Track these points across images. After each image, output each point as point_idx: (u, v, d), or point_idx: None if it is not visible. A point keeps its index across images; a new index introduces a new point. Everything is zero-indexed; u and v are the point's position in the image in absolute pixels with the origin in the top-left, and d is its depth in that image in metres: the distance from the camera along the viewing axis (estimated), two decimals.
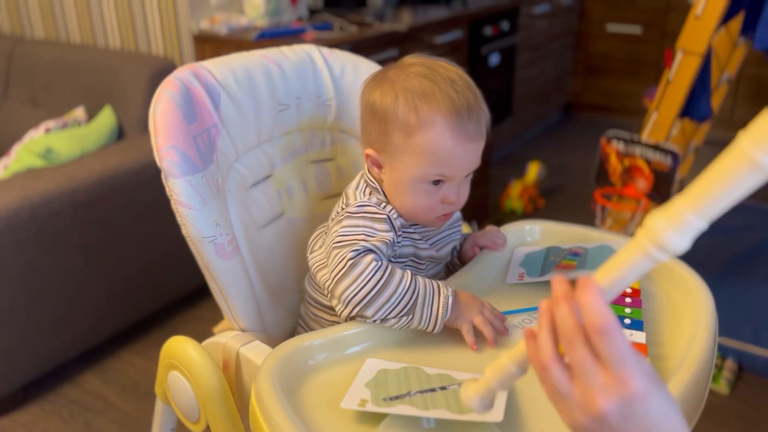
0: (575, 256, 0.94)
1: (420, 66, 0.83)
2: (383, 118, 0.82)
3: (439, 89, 0.80)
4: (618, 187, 2.05)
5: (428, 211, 0.85)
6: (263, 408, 0.66)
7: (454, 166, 0.81)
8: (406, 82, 0.81)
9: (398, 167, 0.83)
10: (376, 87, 0.84)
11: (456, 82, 0.81)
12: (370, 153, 0.85)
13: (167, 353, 0.89)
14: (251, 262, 0.95)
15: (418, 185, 0.82)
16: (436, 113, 0.79)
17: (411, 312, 0.77)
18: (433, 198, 0.83)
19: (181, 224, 0.86)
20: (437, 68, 0.82)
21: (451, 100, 0.79)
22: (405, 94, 0.80)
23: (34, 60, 2.31)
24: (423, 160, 0.81)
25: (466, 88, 0.81)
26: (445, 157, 0.80)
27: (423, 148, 0.80)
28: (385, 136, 0.82)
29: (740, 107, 3.74)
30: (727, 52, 2.24)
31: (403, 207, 0.85)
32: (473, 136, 0.81)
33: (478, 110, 0.81)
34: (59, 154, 1.84)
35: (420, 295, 0.78)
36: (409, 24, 2.36)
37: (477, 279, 0.92)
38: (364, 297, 0.77)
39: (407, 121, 0.80)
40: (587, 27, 4.07)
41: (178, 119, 0.86)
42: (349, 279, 0.77)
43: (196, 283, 2.08)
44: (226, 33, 2.12)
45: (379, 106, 0.82)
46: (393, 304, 0.77)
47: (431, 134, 0.79)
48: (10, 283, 1.57)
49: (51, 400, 1.73)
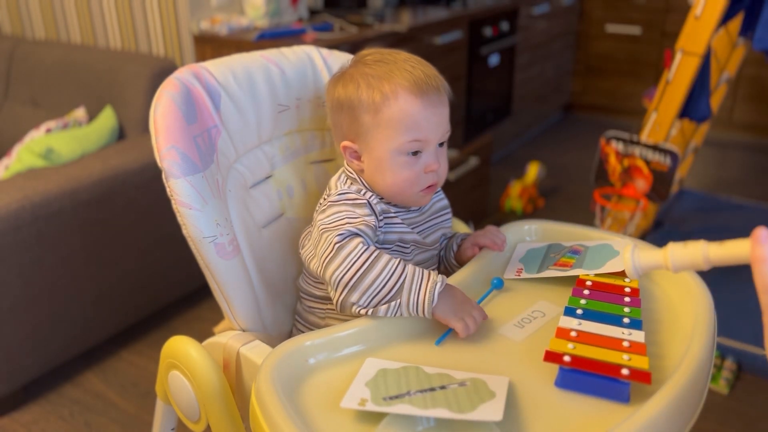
0: (575, 253, 0.95)
1: (371, 54, 0.90)
2: (350, 107, 0.88)
3: (395, 67, 0.87)
4: (617, 188, 2.05)
5: (413, 184, 0.89)
6: (263, 407, 0.66)
7: (425, 129, 0.86)
8: (363, 69, 0.88)
9: (375, 146, 0.88)
10: (337, 83, 0.91)
11: (409, 59, 0.88)
12: (347, 144, 0.91)
13: (168, 353, 0.90)
14: (251, 262, 0.96)
15: (397, 158, 0.87)
16: (397, 86, 0.85)
17: (398, 295, 0.79)
18: (415, 168, 0.88)
19: (181, 224, 0.86)
20: (390, 53, 0.90)
21: (408, 73, 0.86)
22: (365, 79, 0.87)
23: (35, 60, 2.32)
24: (395, 131, 0.86)
25: (419, 63, 0.89)
26: (414, 121, 0.86)
27: (392, 120, 0.86)
28: (355, 122, 0.88)
29: (739, 107, 3.75)
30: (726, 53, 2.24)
31: (387, 186, 0.89)
32: (435, 102, 0.87)
33: (435, 78, 0.88)
34: (60, 155, 1.84)
35: (408, 278, 0.79)
36: (409, 24, 2.37)
37: (476, 274, 0.92)
38: (351, 277, 0.79)
39: (373, 101, 0.86)
40: (587, 27, 4.08)
41: (179, 120, 0.87)
42: (337, 261, 0.80)
43: (196, 283, 2.09)
44: (226, 33, 2.12)
45: (343, 98, 0.89)
46: (380, 285, 0.78)
47: (397, 104, 0.85)
48: (11, 283, 1.57)
49: (51, 400, 1.73)
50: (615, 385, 0.68)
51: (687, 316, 0.81)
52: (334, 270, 0.80)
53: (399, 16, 2.58)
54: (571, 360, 0.70)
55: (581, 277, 0.88)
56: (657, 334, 0.80)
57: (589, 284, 0.86)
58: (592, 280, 0.87)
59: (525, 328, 0.83)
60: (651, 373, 0.67)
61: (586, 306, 0.81)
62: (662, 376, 0.71)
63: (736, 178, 3.27)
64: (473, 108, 2.98)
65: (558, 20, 3.77)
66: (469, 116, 2.96)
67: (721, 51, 2.21)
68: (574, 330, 0.76)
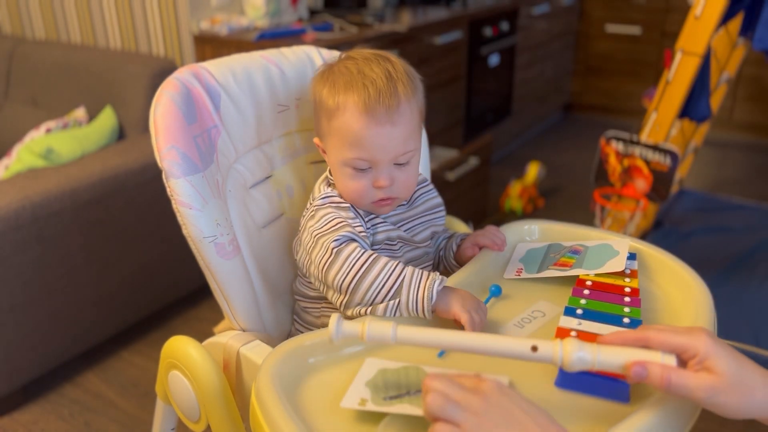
0: (575, 253, 0.95)
1: (349, 60, 0.88)
2: (317, 106, 0.90)
3: (357, 79, 0.85)
4: (617, 187, 2.05)
5: (361, 196, 0.88)
6: (263, 407, 0.66)
7: (369, 149, 0.85)
8: (337, 69, 0.88)
9: (330, 151, 0.90)
10: (317, 76, 0.91)
11: (378, 75, 0.85)
12: (317, 141, 0.93)
13: (168, 353, 0.90)
14: (251, 262, 0.96)
15: (344, 168, 0.88)
16: (348, 99, 0.84)
17: (397, 295, 0.79)
18: (362, 182, 0.87)
19: (181, 224, 0.86)
20: (366, 61, 0.87)
21: (364, 86, 0.84)
22: (330, 82, 0.87)
23: (35, 60, 2.32)
24: (341, 143, 0.86)
25: (386, 77, 0.85)
26: (358, 139, 0.84)
27: (339, 131, 0.86)
28: (318, 122, 0.90)
29: (739, 107, 3.75)
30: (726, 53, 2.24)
31: (341, 192, 0.90)
32: (383, 121, 0.84)
33: (389, 96, 0.84)
34: (60, 155, 1.84)
35: (406, 278, 0.80)
36: (409, 24, 2.36)
37: (476, 275, 0.92)
38: (351, 280, 0.80)
39: (329, 106, 0.86)
40: (587, 27, 4.08)
41: (179, 120, 0.87)
42: (336, 265, 0.81)
43: (196, 283, 2.09)
44: (226, 33, 2.12)
45: (314, 94, 0.90)
46: (379, 286, 0.79)
47: (343, 117, 0.85)
48: (10, 282, 1.57)
49: (51, 400, 1.73)
50: (615, 385, 0.68)
51: (687, 316, 0.81)
52: (334, 275, 0.81)
53: (399, 16, 2.58)
54: None
55: (581, 277, 0.88)
56: None
57: (589, 284, 0.86)
58: (592, 280, 0.87)
59: (525, 328, 0.83)
60: None
61: (586, 306, 0.81)
62: None
63: (736, 178, 3.27)
64: (473, 108, 2.98)
65: (558, 20, 3.77)
66: (469, 116, 2.96)
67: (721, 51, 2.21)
68: (574, 330, 0.76)
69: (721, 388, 0.60)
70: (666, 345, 0.63)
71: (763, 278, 2.03)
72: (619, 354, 0.62)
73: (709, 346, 0.61)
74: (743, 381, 0.60)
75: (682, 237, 2.34)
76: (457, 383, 0.60)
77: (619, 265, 0.88)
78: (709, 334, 0.63)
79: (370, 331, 0.67)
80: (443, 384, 0.60)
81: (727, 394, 0.60)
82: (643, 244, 0.96)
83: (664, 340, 0.63)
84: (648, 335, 0.64)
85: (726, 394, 0.60)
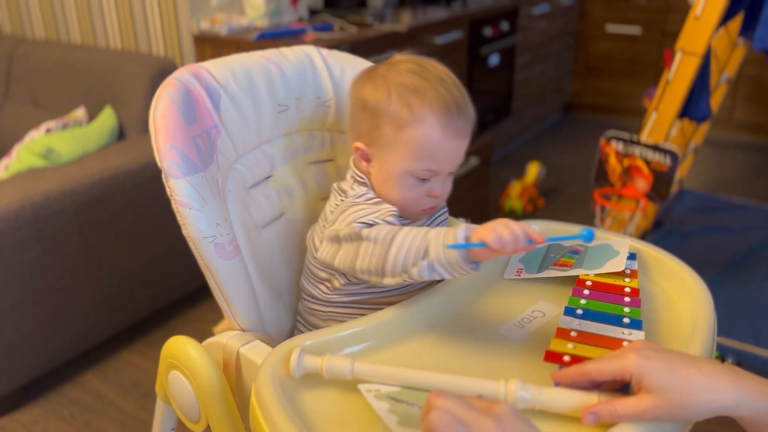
0: (574, 254, 0.95)
1: (410, 63, 0.87)
2: (375, 112, 0.85)
3: (430, 86, 0.83)
4: (617, 187, 2.05)
5: (414, 204, 0.88)
6: (263, 408, 0.66)
7: (441, 161, 0.85)
8: (398, 77, 0.85)
9: (388, 160, 0.86)
10: (368, 82, 0.87)
11: (445, 80, 0.85)
12: (360, 146, 0.89)
13: (167, 353, 0.89)
14: (251, 262, 0.96)
15: (406, 178, 0.86)
16: (427, 108, 0.82)
17: (427, 254, 0.74)
18: (420, 191, 0.87)
19: (181, 224, 0.86)
20: (427, 66, 0.86)
21: (441, 97, 0.82)
22: (398, 89, 0.84)
23: (35, 60, 2.32)
24: (412, 154, 0.84)
25: (455, 86, 0.85)
26: (434, 151, 0.83)
27: (413, 142, 0.83)
28: (376, 130, 0.86)
29: (739, 107, 3.75)
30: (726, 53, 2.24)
31: (390, 200, 0.88)
32: (461, 133, 0.84)
33: (466, 108, 0.85)
34: (60, 155, 1.84)
35: (432, 235, 0.75)
36: (409, 24, 2.37)
37: (475, 274, 0.92)
38: (378, 255, 0.77)
39: (399, 116, 0.83)
40: (587, 27, 4.08)
41: (178, 120, 0.87)
42: (362, 248, 0.79)
43: (196, 283, 2.09)
44: (226, 33, 2.12)
45: (371, 101, 0.86)
46: (406, 251, 0.75)
47: (422, 129, 0.82)
48: (10, 283, 1.57)
49: (51, 400, 1.73)
50: None
51: (687, 316, 0.81)
52: (363, 255, 0.79)
53: (399, 16, 2.58)
54: (571, 360, 0.70)
55: (581, 277, 0.88)
56: (657, 335, 0.80)
57: (589, 284, 0.86)
58: (592, 280, 0.87)
59: (525, 328, 0.83)
60: None
61: (586, 306, 0.81)
62: None
63: (736, 178, 3.27)
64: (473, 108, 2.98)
65: (558, 20, 3.77)
66: None
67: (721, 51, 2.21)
68: (574, 330, 0.76)
69: (664, 406, 0.59)
70: (603, 374, 0.63)
71: (763, 278, 2.03)
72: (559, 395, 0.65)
73: (638, 365, 0.61)
74: (679, 389, 0.60)
75: (682, 237, 2.34)
76: (466, 402, 0.56)
77: (619, 265, 0.88)
78: (637, 351, 0.63)
79: (329, 367, 0.70)
80: (451, 402, 0.56)
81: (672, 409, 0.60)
82: (643, 244, 0.96)
83: (600, 369, 0.64)
84: (587, 369, 0.65)
85: (670, 409, 0.60)
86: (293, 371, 0.70)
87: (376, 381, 0.69)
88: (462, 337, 0.81)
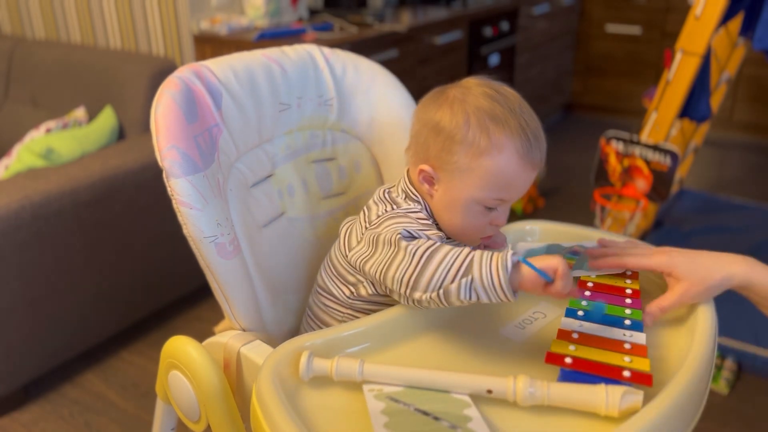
0: (574, 255, 0.95)
1: (486, 87, 0.83)
2: (449, 137, 0.82)
3: (510, 114, 0.80)
4: (617, 187, 2.05)
5: (477, 232, 0.86)
6: (264, 408, 0.66)
7: (512, 191, 0.83)
8: (476, 101, 0.81)
9: (457, 185, 0.83)
10: (444, 104, 0.83)
11: (523, 108, 0.82)
12: (426, 169, 0.85)
13: (168, 353, 0.89)
14: (252, 262, 0.95)
15: (474, 206, 0.83)
16: (507, 138, 0.80)
17: (468, 272, 0.71)
18: (483, 220, 0.85)
19: (182, 224, 0.86)
20: (503, 92, 0.83)
21: (521, 127, 0.80)
22: (476, 114, 0.81)
23: (35, 60, 2.31)
24: (486, 183, 0.81)
25: (530, 115, 0.83)
26: (508, 181, 0.81)
27: (489, 171, 0.81)
28: (449, 155, 0.82)
29: (739, 107, 3.75)
30: (726, 53, 2.24)
31: (452, 225, 0.86)
32: (537, 164, 0.83)
33: (541, 139, 0.83)
34: (60, 155, 1.84)
35: (476, 255, 0.73)
36: (409, 24, 2.36)
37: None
38: (416, 266, 0.74)
39: (477, 143, 0.80)
40: (587, 27, 4.08)
41: (180, 119, 0.86)
42: (399, 255, 0.76)
43: (196, 283, 2.09)
44: (226, 33, 2.12)
45: (446, 124, 0.82)
46: (447, 266, 0.73)
47: (500, 158, 0.80)
48: (10, 283, 1.57)
49: (51, 400, 1.73)
50: None
51: (688, 316, 0.81)
52: (398, 265, 0.76)
53: (399, 16, 2.58)
54: (573, 362, 0.70)
55: (582, 279, 0.88)
56: (658, 336, 0.80)
57: (590, 285, 0.86)
58: (594, 282, 0.87)
59: (526, 330, 0.83)
60: (652, 374, 0.67)
61: (587, 307, 0.81)
62: (664, 377, 0.71)
63: (736, 178, 3.27)
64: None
65: (558, 20, 3.77)
66: None
67: (721, 51, 2.21)
68: (576, 332, 0.76)
69: (693, 288, 0.78)
70: (639, 267, 0.84)
71: None
72: (568, 391, 0.66)
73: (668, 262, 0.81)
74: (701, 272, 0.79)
75: (682, 237, 2.34)
76: None
77: None
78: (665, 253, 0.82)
79: (339, 369, 0.70)
80: None
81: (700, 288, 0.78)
82: None
83: (638, 262, 0.84)
84: (625, 261, 0.85)
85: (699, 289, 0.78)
86: (303, 375, 0.69)
87: (384, 382, 0.69)
88: (463, 338, 0.81)
